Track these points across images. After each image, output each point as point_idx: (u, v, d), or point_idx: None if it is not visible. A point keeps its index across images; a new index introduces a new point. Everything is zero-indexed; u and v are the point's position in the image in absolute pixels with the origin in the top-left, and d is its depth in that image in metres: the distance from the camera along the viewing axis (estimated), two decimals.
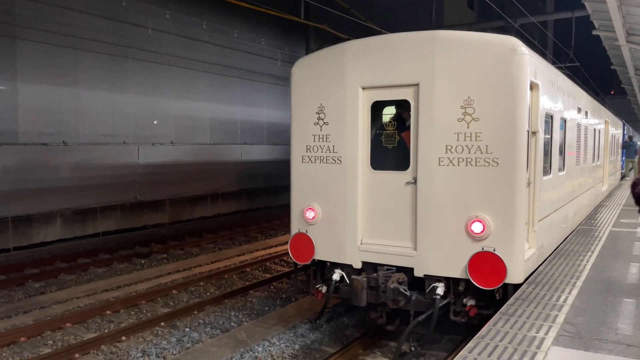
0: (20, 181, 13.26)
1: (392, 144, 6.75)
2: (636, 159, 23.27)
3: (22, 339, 7.38)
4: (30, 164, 13.52)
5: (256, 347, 7.13)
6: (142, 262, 12.24)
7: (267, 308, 8.91)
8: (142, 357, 6.96)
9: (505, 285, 5.78)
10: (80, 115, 14.78)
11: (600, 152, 14.21)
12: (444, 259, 6.02)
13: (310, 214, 6.87)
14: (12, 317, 8.36)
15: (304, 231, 6.94)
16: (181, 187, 17.74)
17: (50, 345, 7.36)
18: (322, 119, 6.83)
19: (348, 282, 6.65)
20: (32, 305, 8.96)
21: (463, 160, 5.91)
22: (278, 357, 6.91)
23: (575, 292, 5.80)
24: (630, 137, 24.51)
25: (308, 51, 19.66)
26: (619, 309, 5.21)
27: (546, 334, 4.52)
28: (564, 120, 8.30)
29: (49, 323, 7.84)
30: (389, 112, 7.24)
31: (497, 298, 5.92)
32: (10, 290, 9.88)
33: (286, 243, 13.07)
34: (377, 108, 6.79)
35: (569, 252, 7.90)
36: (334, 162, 6.76)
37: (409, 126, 6.52)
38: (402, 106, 6.61)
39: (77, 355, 6.89)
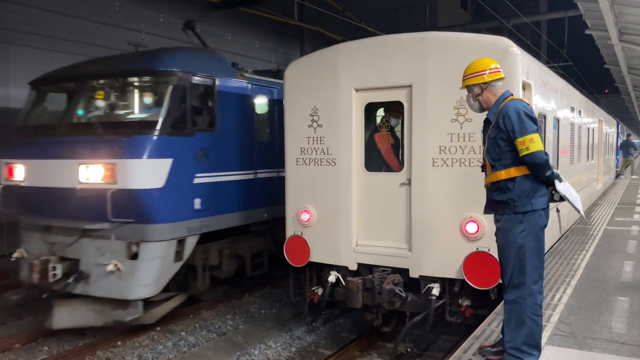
0: None
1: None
2: (635, 156, 23.08)
3: (17, 345, 7.35)
4: None
5: (252, 350, 7.13)
6: None
7: (263, 311, 8.90)
8: None
9: (500, 285, 5.78)
10: None
11: (595, 151, 14.27)
12: (439, 260, 6.03)
13: (305, 216, 6.87)
14: (6, 324, 8.31)
15: (299, 233, 6.94)
16: None
17: (45, 351, 7.31)
18: (315, 121, 6.83)
19: (344, 284, 6.65)
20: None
21: (457, 160, 5.93)
22: None
23: (569, 291, 5.83)
24: (629, 135, 24.56)
25: (302, 53, 19.65)
26: (613, 307, 5.24)
27: None
28: (557, 120, 8.33)
29: (44, 329, 7.79)
30: (383, 114, 7.26)
31: (493, 298, 5.93)
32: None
33: None
34: (371, 110, 6.81)
35: (564, 251, 7.93)
36: (328, 164, 6.77)
37: (389, 128, 6.75)
38: (389, 109, 6.67)
39: None
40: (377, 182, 6.56)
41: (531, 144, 3.61)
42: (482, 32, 20.17)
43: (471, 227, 5.80)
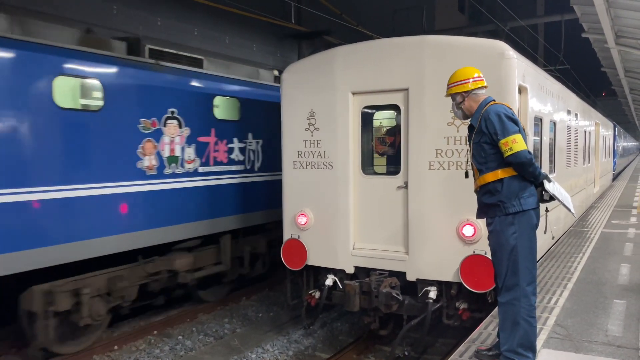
0: None
1: (382, 149, 6.78)
2: None
3: (13, 350, 7.31)
4: None
5: (250, 354, 7.11)
6: None
7: (260, 314, 8.88)
8: None
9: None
10: None
11: (591, 154, 14.30)
12: (435, 263, 6.03)
13: (302, 220, 6.87)
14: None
15: (297, 237, 6.94)
16: None
17: (41, 356, 7.28)
18: (312, 125, 6.84)
19: (341, 287, 6.64)
20: None
21: (453, 163, 5.94)
22: None
23: (566, 294, 5.83)
24: None
25: (300, 56, 19.67)
26: (609, 310, 5.24)
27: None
28: (554, 123, 8.35)
29: None
30: (379, 117, 7.27)
31: (489, 301, 5.93)
32: None
33: None
34: (367, 113, 6.82)
35: (560, 254, 7.94)
36: (325, 167, 6.77)
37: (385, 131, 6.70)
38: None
39: None
40: (374, 185, 6.56)
41: (514, 144, 3.68)
42: (479, 35, 20.23)
43: (468, 230, 5.81)
